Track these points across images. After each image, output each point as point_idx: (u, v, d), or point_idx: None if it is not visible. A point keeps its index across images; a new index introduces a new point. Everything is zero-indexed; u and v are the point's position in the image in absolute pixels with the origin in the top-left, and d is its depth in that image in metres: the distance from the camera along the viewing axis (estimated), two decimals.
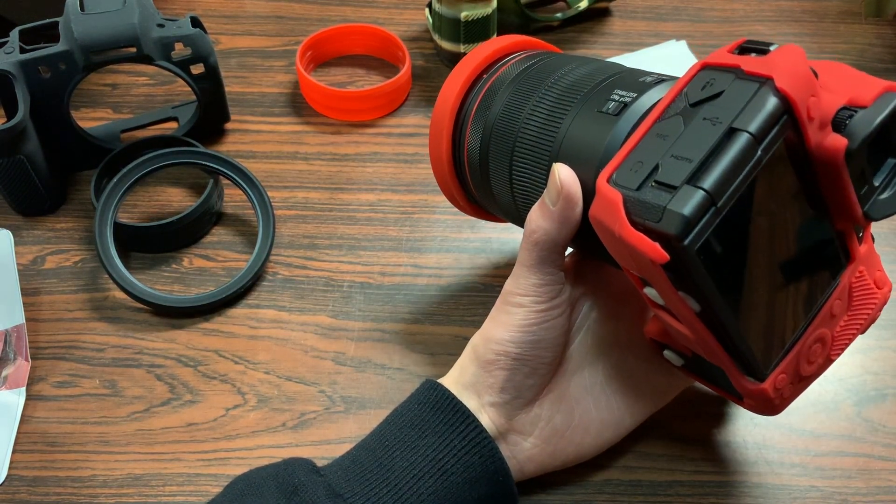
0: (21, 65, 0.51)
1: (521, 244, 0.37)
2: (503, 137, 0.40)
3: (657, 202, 0.28)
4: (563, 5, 0.70)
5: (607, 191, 0.30)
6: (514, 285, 0.38)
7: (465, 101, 0.44)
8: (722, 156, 0.28)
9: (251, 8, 0.70)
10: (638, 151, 0.30)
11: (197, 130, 0.58)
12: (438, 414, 0.38)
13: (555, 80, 0.39)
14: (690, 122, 0.29)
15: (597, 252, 0.36)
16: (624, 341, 0.41)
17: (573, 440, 0.40)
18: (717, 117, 0.29)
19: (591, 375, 0.41)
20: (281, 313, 0.51)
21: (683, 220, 0.27)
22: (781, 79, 0.28)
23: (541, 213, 0.36)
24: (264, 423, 0.46)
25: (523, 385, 0.38)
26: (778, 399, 0.35)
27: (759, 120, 0.28)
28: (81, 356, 0.49)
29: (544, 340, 0.38)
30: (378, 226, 0.55)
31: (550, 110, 0.38)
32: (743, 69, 0.30)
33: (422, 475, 0.37)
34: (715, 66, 0.31)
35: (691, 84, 0.31)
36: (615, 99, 0.35)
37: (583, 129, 0.36)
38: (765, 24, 0.70)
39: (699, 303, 0.31)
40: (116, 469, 0.44)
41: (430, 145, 0.45)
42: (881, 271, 0.37)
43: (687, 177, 0.28)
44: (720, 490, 0.43)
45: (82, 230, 0.55)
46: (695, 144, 0.29)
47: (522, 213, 0.41)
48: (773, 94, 0.28)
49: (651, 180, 0.29)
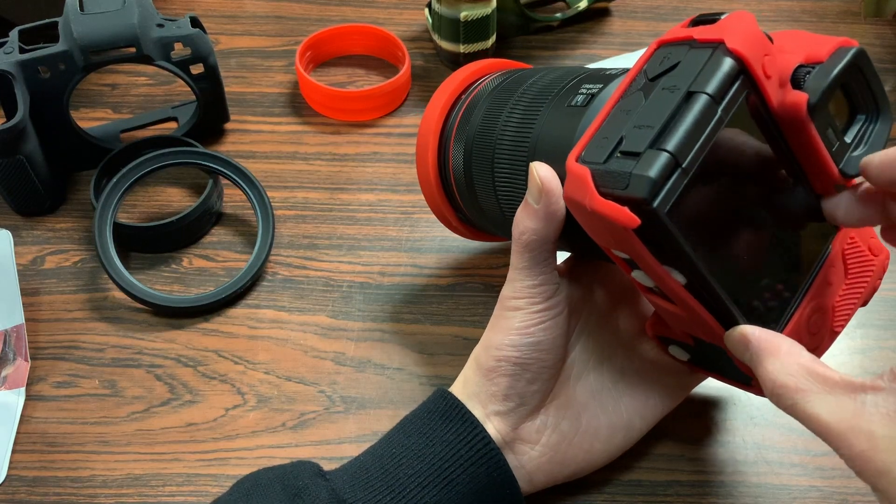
0: (21, 65, 0.51)
1: (512, 248, 0.37)
2: (483, 148, 0.41)
3: (623, 170, 0.29)
4: (562, 5, 0.71)
5: (576, 168, 0.31)
6: (509, 290, 0.38)
7: (446, 123, 0.45)
8: (682, 119, 0.28)
9: (251, 8, 0.70)
10: (603, 129, 0.31)
11: (197, 130, 0.58)
12: (447, 423, 0.38)
13: (527, 87, 0.40)
14: (650, 94, 0.30)
15: (589, 249, 0.37)
16: (628, 343, 0.41)
17: (582, 446, 0.40)
18: (674, 85, 0.29)
19: (597, 379, 0.41)
20: (281, 313, 0.51)
21: (649, 181, 0.28)
22: (732, 40, 0.29)
23: (526, 214, 0.36)
24: (264, 423, 0.46)
25: (527, 392, 0.38)
26: None
27: (715, 81, 0.29)
28: (81, 356, 0.49)
29: (544, 342, 0.38)
30: (378, 226, 0.55)
31: (524, 114, 0.39)
32: (696, 38, 0.30)
33: (426, 484, 0.36)
34: (670, 42, 0.32)
35: (650, 62, 0.32)
36: (583, 92, 0.36)
37: (555, 125, 0.37)
38: (764, 24, 0.70)
39: (683, 273, 0.31)
40: (116, 469, 0.44)
41: (417, 170, 0.46)
42: (875, 238, 0.37)
43: (649, 142, 0.29)
44: (720, 490, 0.43)
45: (82, 230, 0.55)
46: (655, 112, 0.29)
47: (509, 219, 0.41)
48: (725, 55, 0.29)
49: (616, 152, 0.30)
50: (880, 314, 0.50)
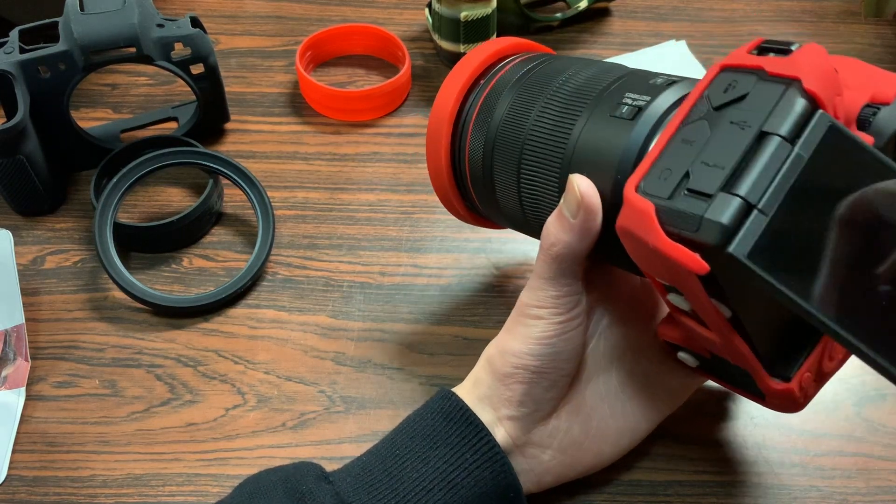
0: (21, 65, 0.51)
1: (539, 256, 0.37)
2: (509, 145, 0.39)
3: (693, 211, 0.28)
4: (562, 5, 0.70)
5: (637, 200, 0.29)
6: (531, 297, 0.37)
7: (464, 107, 0.43)
8: (755, 160, 0.27)
9: (251, 8, 0.70)
10: (664, 158, 0.30)
11: (197, 130, 0.58)
12: (451, 426, 0.38)
13: (560, 83, 0.38)
14: (717, 127, 0.29)
15: (609, 257, 0.36)
16: (636, 346, 0.41)
17: (591, 449, 0.40)
18: (744, 121, 0.28)
19: (606, 383, 0.40)
20: (281, 313, 0.51)
21: (722, 228, 0.27)
22: (808, 79, 0.28)
23: (560, 226, 0.35)
24: (264, 423, 0.46)
25: (542, 398, 0.38)
26: (802, 397, 0.35)
27: (789, 122, 0.28)
28: (81, 356, 0.49)
29: (564, 352, 0.37)
30: (378, 226, 0.55)
31: (559, 116, 0.37)
32: (766, 70, 0.29)
33: (431, 488, 0.36)
34: (735, 68, 0.30)
35: (712, 86, 0.30)
36: (628, 103, 0.35)
37: (596, 135, 0.35)
38: (765, 24, 0.70)
39: (731, 309, 0.30)
40: (116, 469, 0.44)
41: (427, 153, 0.44)
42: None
43: (721, 184, 0.27)
44: (720, 490, 0.43)
45: (82, 230, 0.55)
46: (725, 150, 0.28)
47: (531, 221, 0.40)
48: (800, 95, 0.28)
49: (683, 188, 0.28)
50: None
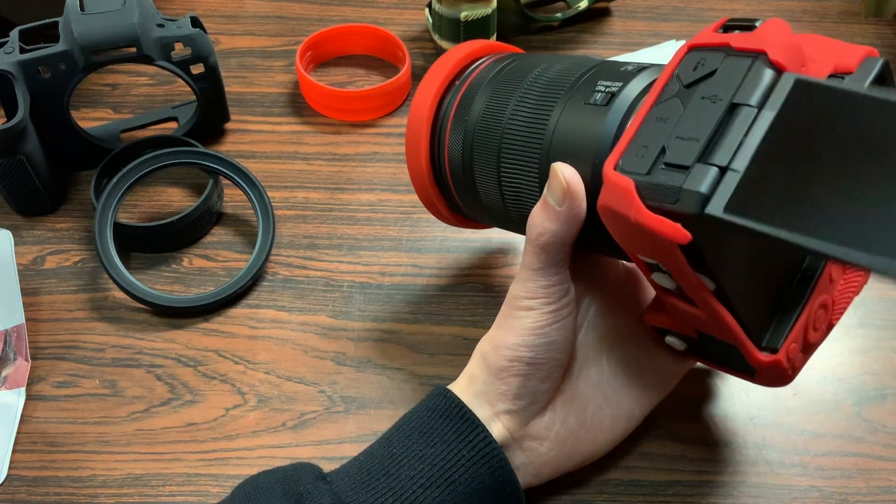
0: (21, 65, 0.51)
1: (526, 248, 0.37)
2: (487, 140, 0.40)
3: (672, 183, 0.28)
4: (563, 5, 0.71)
5: (617, 178, 0.30)
6: (521, 289, 0.37)
7: (441, 108, 0.43)
8: (728, 131, 0.28)
9: (251, 8, 0.70)
10: (640, 137, 0.30)
11: (197, 130, 0.58)
12: (447, 422, 0.38)
13: (534, 77, 0.39)
14: (689, 103, 0.30)
15: (593, 243, 0.36)
16: (624, 333, 0.41)
17: (588, 438, 0.40)
18: (715, 94, 0.29)
19: (598, 372, 0.41)
20: (281, 313, 0.51)
21: (701, 197, 0.27)
22: (774, 51, 0.29)
23: (546, 215, 0.35)
24: (264, 423, 0.46)
25: (538, 390, 0.38)
26: (791, 368, 0.35)
27: (759, 91, 0.28)
28: (81, 356, 0.49)
29: (557, 342, 0.38)
30: (378, 226, 0.55)
31: (535, 107, 0.38)
32: (733, 46, 0.30)
33: (429, 485, 0.36)
34: (703, 47, 0.31)
35: (681, 66, 0.31)
36: (601, 90, 0.35)
37: (572, 123, 0.36)
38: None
39: (715, 281, 0.31)
40: (116, 469, 0.44)
41: (407, 156, 0.45)
42: None
43: (697, 155, 0.28)
44: (720, 490, 0.43)
45: (82, 230, 0.55)
46: (698, 123, 0.29)
47: (514, 215, 0.40)
48: (767, 67, 0.29)
49: (660, 163, 0.29)
50: (880, 314, 0.50)
